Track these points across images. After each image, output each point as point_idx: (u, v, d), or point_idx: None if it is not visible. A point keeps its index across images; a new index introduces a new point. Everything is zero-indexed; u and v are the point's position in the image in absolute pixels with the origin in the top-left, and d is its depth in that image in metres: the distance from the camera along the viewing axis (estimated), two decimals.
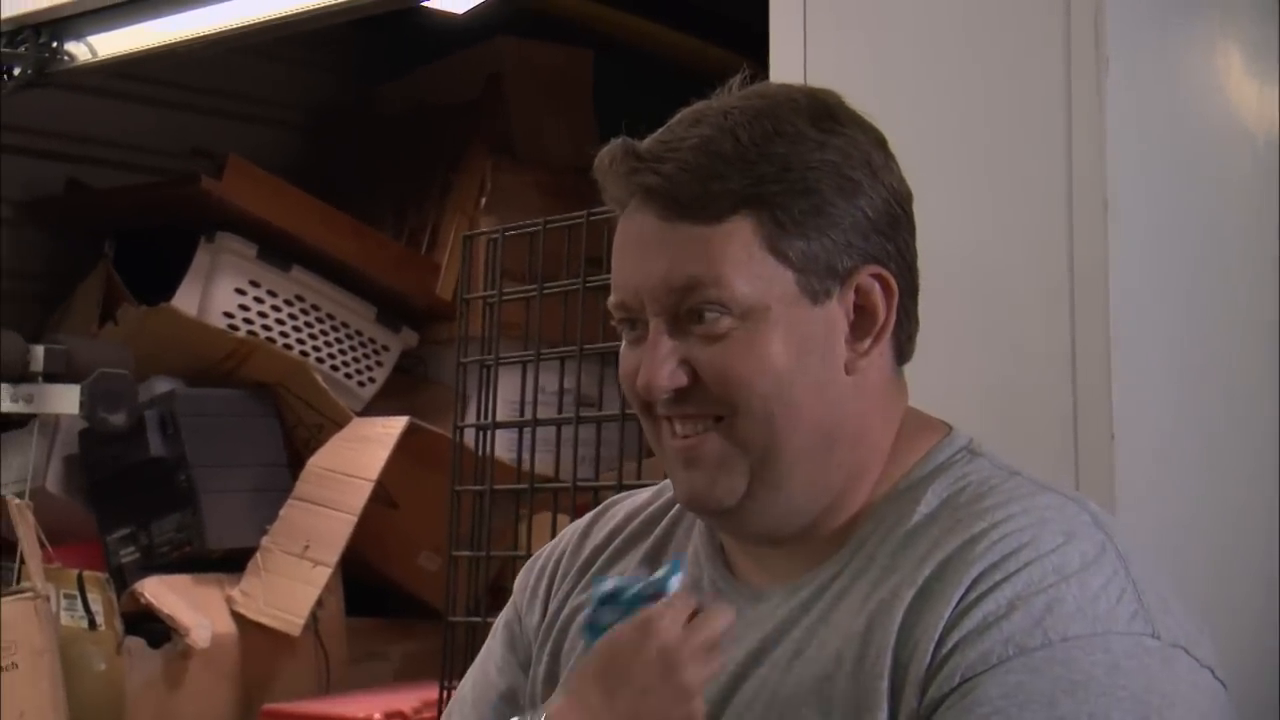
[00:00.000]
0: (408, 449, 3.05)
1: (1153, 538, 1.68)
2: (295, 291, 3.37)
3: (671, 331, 1.31)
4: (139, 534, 3.10)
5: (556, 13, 3.53)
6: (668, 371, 1.31)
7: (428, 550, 3.19)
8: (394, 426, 3.07)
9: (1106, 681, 1.19)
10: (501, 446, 2.64)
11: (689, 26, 3.51)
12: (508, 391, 2.71)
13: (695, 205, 1.29)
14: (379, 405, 3.41)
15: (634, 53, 3.58)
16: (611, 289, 1.36)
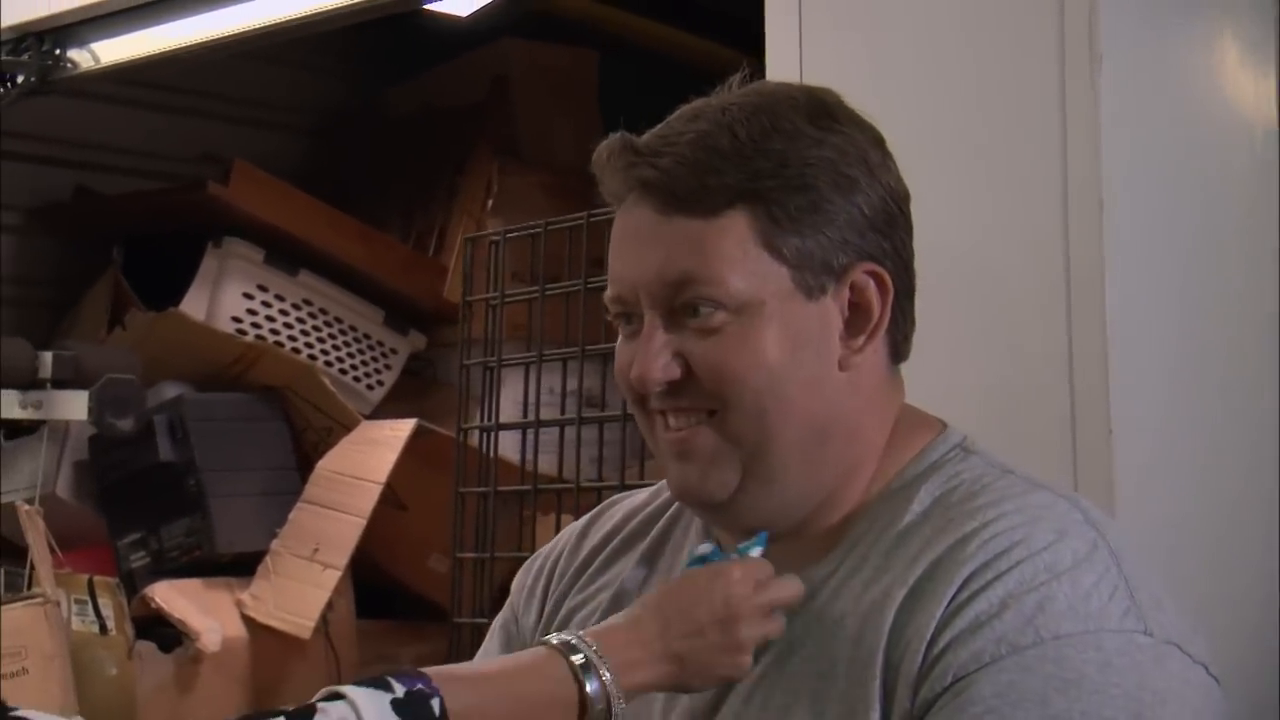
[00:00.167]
0: (416, 451, 3.03)
1: (1151, 535, 1.68)
2: (303, 295, 3.36)
3: (666, 325, 1.32)
4: (149, 538, 3.10)
5: (562, 14, 3.52)
6: (661, 364, 1.31)
7: (437, 552, 3.17)
8: (402, 429, 3.05)
9: (1099, 679, 1.19)
10: (511, 448, 2.64)
11: (695, 27, 3.48)
12: (516, 393, 2.71)
13: (691, 199, 1.29)
14: (388, 408, 3.40)
15: (640, 54, 3.56)
16: (608, 283, 1.36)
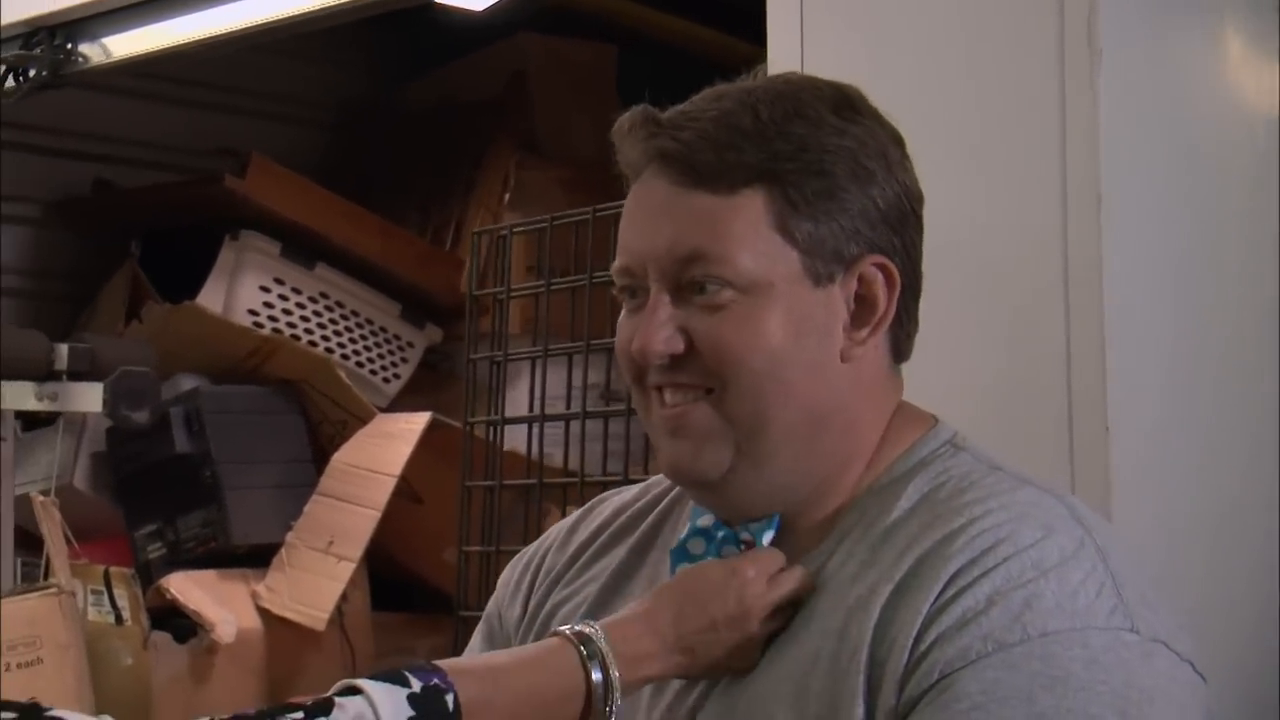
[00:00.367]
0: (431, 444, 3.04)
1: (1148, 533, 1.68)
2: (319, 289, 3.38)
3: (673, 299, 1.31)
4: (165, 530, 3.12)
5: (580, 8, 3.52)
6: (664, 336, 1.31)
7: (452, 545, 3.18)
8: (417, 422, 3.06)
9: (1085, 676, 1.18)
10: (520, 442, 2.65)
11: (713, 21, 3.48)
12: (526, 387, 2.71)
13: (709, 174, 1.30)
14: (404, 401, 3.41)
15: (658, 48, 3.55)
16: (616, 254, 1.36)
